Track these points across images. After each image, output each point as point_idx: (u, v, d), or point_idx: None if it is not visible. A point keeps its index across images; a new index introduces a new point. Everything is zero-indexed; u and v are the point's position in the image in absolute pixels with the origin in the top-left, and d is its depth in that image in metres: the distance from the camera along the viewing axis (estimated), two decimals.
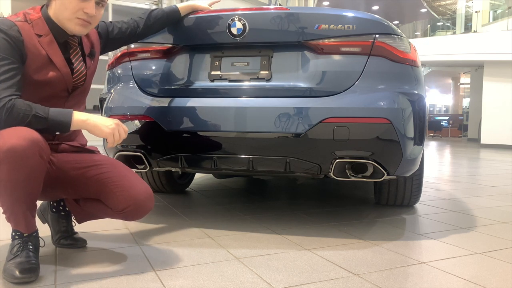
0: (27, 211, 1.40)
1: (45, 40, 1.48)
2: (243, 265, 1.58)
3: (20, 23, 1.44)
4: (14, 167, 1.28)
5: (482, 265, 1.66)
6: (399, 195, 2.56)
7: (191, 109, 1.97)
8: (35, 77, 1.45)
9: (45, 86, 1.49)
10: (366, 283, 1.44)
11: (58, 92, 1.53)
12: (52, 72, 1.49)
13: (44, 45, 1.47)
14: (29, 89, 1.44)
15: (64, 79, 1.52)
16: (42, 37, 1.47)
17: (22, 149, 1.27)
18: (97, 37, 1.73)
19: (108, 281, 1.41)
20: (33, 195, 1.40)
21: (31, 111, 1.34)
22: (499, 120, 11.77)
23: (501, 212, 2.67)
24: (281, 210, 2.59)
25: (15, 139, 1.27)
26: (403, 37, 2.01)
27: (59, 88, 1.53)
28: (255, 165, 1.96)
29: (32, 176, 1.34)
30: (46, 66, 1.48)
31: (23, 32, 1.42)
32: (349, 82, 1.89)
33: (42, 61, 1.47)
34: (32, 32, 1.45)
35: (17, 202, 1.35)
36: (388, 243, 1.91)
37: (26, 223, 1.42)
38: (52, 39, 1.49)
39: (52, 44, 1.49)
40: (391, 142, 1.85)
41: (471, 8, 15.40)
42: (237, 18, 1.96)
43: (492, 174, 4.97)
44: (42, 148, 1.33)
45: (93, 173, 1.56)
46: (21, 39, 1.41)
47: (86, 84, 1.63)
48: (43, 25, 1.49)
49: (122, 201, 1.51)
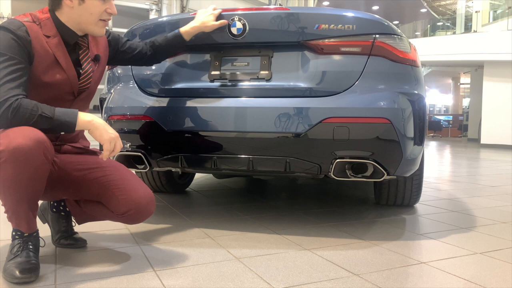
0: (29, 211, 1.40)
1: (53, 42, 1.48)
2: (243, 265, 1.59)
3: (29, 24, 1.44)
4: (19, 167, 1.28)
5: (482, 265, 1.66)
6: (399, 195, 2.56)
7: (191, 109, 1.97)
8: (41, 78, 1.46)
9: (50, 88, 1.49)
10: (366, 283, 1.44)
11: (64, 95, 1.53)
12: (58, 74, 1.49)
13: (51, 46, 1.47)
14: (35, 90, 1.44)
15: (70, 81, 1.52)
16: (50, 38, 1.48)
17: (27, 149, 1.27)
18: (106, 45, 1.73)
19: (108, 281, 1.41)
20: (36, 195, 1.40)
21: (37, 111, 1.33)
22: (499, 120, 11.76)
23: (501, 212, 2.67)
24: (281, 210, 2.59)
25: (21, 138, 1.27)
26: (403, 37, 2.01)
27: (65, 90, 1.53)
28: (255, 165, 1.96)
29: (36, 176, 1.34)
30: (53, 67, 1.48)
31: (31, 32, 1.42)
32: (349, 82, 1.89)
33: (48, 62, 1.47)
34: (41, 32, 1.45)
35: (20, 201, 1.36)
36: (388, 243, 1.91)
37: (27, 223, 1.42)
38: (60, 41, 1.50)
39: (60, 45, 1.50)
40: (391, 142, 1.85)
41: (471, 8, 15.39)
42: (237, 18, 1.97)
43: (492, 174, 4.97)
44: (47, 149, 1.33)
45: (95, 175, 1.56)
46: (28, 39, 1.41)
47: (91, 88, 1.63)
48: (52, 26, 1.49)
49: (123, 205, 1.51)
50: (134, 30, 2.19)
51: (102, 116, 2.20)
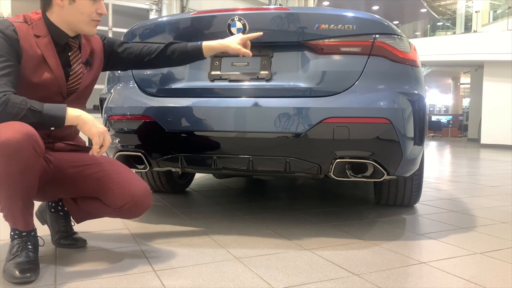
0: (24, 208, 1.40)
1: (42, 41, 1.49)
2: (243, 265, 1.58)
3: (18, 24, 1.46)
4: (8, 160, 1.29)
5: (482, 265, 1.65)
6: (399, 195, 2.56)
7: (191, 109, 1.97)
8: (29, 77, 1.46)
9: (38, 88, 1.49)
10: (366, 283, 1.44)
11: (52, 96, 1.52)
12: (46, 73, 1.50)
13: (40, 45, 1.49)
14: (23, 90, 1.44)
15: (58, 81, 1.52)
16: (40, 38, 1.49)
17: (15, 142, 1.28)
18: (101, 48, 1.73)
19: (108, 281, 1.40)
20: (29, 191, 1.39)
21: (26, 105, 1.34)
22: (499, 120, 11.76)
23: (501, 212, 2.67)
24: (281, 210, 2.59)
25: (9, 132, 1.28)
26: (403, 37, 2.01)
27: (53, 91, 1.53)
28: (255, 165, 1.96)
29: (27, 170, 1.34)
30: (41, 67, 1.49)
31: (19, 32, 1.44)
32: (349, 82, 1.89)
33: (37, 61, 1.48)
34: (30, 32, 1.47)
35: (14, 197, 1.35)
36: (388, 243, 1.91)
37: (23, 220, 1.42)
38: (49, 41, 1.51)
39: (49, 45, 1.51)
40: (391, 142, 1.85)
41: (471, 8, 15.39)
42: (237, 18, 1.96)
43: (492, 174, 4.97)
44: (36, 142, 1.33)
45: (91, 171, 1.56)
46: (16, 38, 1.42)
47: (82, 90, 1.62)
48: (43, 27, 1.50)
49: (120, 198, 1.52)
50: (134, 30, 2.19)
51: (102, 116, 2.20)
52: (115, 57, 1.79)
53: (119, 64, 1.85)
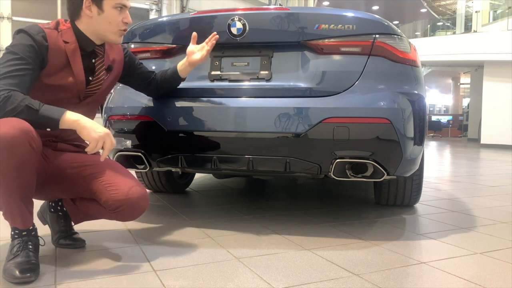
0: (22, 205, 1.40)
1: (70, 47, 1.56)
2: (243, 265, 1.59)
3: (48, 30, 1.52)
4: (3, 156, 1.29)
5: (482, 265, 1.66)
6: (399, 195, 2.56)
7: (191, 109, 1.97)
8: (51, 79, 1.51)
9: (58, 90, 1.54)
10: (366, 283, 1.44)
11: (69, 98, 1.58)
12: (67, 77, 1.55)
13: (68, 51, 1.55)
14: (42, 90, 1.49)
15: (78, 86, 1.58)
16: (68, 44, 1.56)
17: (11, 137, 1.28)
18: (122, 58, 1.80)
19: (108, 281, 1.41)
20: (27, 188, 1.39)
21: (24, 102, 1.35)
22: (499, 120, 11.76)
23: (501, 212, 2.67)
24: (281, 210, 2.59)
25: (5, 127, 1.29)
26: (403, 37, 2.01)
27: (71, 94, 1.58)
28: (255, 165, 1.96)
29: (24, 166, 1.34)
30: (64, 70, 1.54)
31: (49, 38, 1.50)
32: (349, 82, 1.89)
33: (62, 65, 1.54)
34: (60, 39, 1.54)
35: (11, 194, 1.35)
36: (388, 243, 1.91)
37: (22, 217, 1.42)
38: (76, 48, 1.57)
39: (76, 52, 1.57)
40: (391, 142, 1.85)
41: (471, 8, 15.39)
42: (237, 18, 1.96)
43: (492, 174, 4.97)
44: (32, 138, 1.34)
45: (89, 172, 1.57)
46: (45, 45, 1.48)
47: (99, 95, 1.68)
48: (71, 34, 1.57)
49: (114, 200, 1.52)
50: (134, 30, 2.19)
51: (102, 116, 2.20)
52: (131, 73, 1.88)
53: (130, 80, 1.93)
